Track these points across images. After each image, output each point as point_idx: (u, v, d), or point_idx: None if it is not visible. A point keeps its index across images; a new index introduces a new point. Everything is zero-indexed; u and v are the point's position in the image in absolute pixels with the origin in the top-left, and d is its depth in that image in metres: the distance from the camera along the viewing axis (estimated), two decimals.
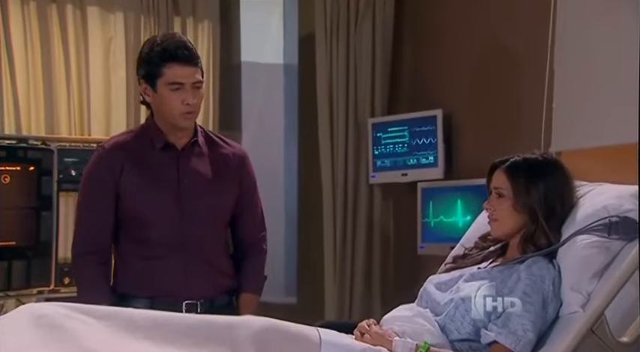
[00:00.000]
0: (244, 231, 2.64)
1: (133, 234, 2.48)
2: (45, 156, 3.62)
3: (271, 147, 5.27)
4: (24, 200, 3.56)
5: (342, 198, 4.37)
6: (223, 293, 2.57)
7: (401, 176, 4.22)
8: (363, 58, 4.42)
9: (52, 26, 4.01)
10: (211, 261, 2.52)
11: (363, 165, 4.40)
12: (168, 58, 2.38)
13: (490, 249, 2.26)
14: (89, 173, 2.50)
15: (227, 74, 4.91)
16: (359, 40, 4.44)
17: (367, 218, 4.39)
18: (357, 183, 4.40)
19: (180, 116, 2.42)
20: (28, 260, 3.55)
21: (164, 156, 2.49)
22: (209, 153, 2.55)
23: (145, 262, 2.46)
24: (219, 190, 2.53)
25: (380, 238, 4.42)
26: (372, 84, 4.42)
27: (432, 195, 3.95)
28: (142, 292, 2.46)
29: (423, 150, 4.13)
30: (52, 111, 4.00)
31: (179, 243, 2.47)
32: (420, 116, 4.16)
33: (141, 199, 2.45)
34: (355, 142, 4.40)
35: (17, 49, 3.94)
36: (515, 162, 2.18)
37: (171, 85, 2.40)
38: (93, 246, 2.47)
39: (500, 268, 2.13)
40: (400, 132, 4.22)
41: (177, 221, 2.46)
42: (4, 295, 3.59)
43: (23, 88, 3.95)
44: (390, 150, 4.25)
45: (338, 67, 4.40)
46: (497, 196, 2.18)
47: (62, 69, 4.03)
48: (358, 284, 4.36)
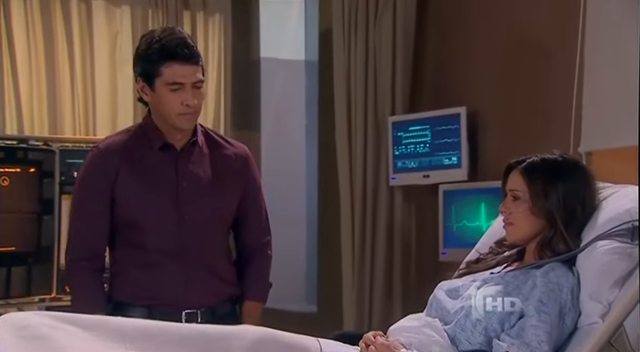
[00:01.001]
0: (248, 235, 2.63)
1: (129, 239, 2.48)
2: (46, 157, 3.66)
3: (292, 148, 5.29)
4: (24, 203, 3.60)
5: (361, 202, 4.35)
6: (225, 301, 2.57)
7: (422, 178, 4.20)
8: (383, 53, 4.40)
9: (55, 21, 4.05)
10: (212, 267, 2.52)
11: (382, 166, 4.39)
12: (168, 56, 2.37)
13: (505, 253, 2.23)
14: (83, 175, 2.50)
15: (244, 71, 4.93)
16: (378, 35, 4.42)
17: (387, 223, 4.37)
18: (377, 185, 4.39)
19: (179, 117, 2.41)
20: (28, 266, 3.59)
21: (162, 158, 2.49)
22: (210, 153, 2.55)
23: (142, 269, 2.46)
24: (221, 193, 2.52)
25: (401, 244, 4.40)
26: (392, 81, 4.40)
27: (455, 198, 3.92)
28: (138, 301, 2.46)
29: (446, 151, 4.10)
30: (56, 111, 4.03)
31: (178, 249, 2.46)
32: (442, 114, 4.14)
33: (137, 203, 2.45)
34: (374, 142, 4.39)
35: (19, 45, 3.99)
36: (532, 162, 2.16)
37: (170, 86, 2.39)
38: (87, 252, 2.47)
39: (514, 273, 2.10)
40: (422, 131, 4.20)
41: (176, 226, 2.46)
42: (4, 303, 3.62)
43: (25, 85, 4.00)
44: (411, 150, 4.24)
45: (356, 62, 4.39)
46: (513, 199, 2.15)
47: (66, 65, 4.07)
48: (378, 293, 4.35)
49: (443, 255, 3.91)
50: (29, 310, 3.60)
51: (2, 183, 3.51)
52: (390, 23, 4.42)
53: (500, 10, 4.06)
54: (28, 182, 3.60)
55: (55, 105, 4.03)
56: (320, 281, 5.12)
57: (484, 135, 4.12)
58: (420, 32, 4.52)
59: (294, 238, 5.25)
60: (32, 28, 4.02)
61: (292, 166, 5.28)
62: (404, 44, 4.43)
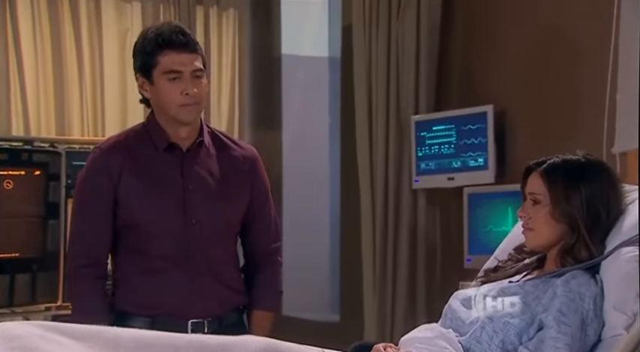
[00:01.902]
0: (256, 241, 2.64)
1: (131, 245, 2.49)
2: (52, 159, 3.68)
3: (315, 148, 5.29)
4: (29, 207, 3.63)
5: (382, 206, 4.34)
6: (233, 310, 2.57)
7: (447, 180, 4.18)
8: (406, 48, 4.38)
9: (63, 18, 4.09)
10: (219, 275, 2.52)
11: (405, 168, 4.37)
12: (163, 44, 2.39)
13: (525, 261, 2.21)
14: (84, 177, 2.52)
15: (264, 68, 4.94)
16: (401, 29, 4.41)
17: (410, 228, 4.35)
18: (399, 188, 4.37)
19: (180, 109, 2.42)
20: (32, 273, 3.62)
21: (167, 159, 2.49)
22: (217, 155, 2.55)
23: (145, 277, 2.47)
24: (228, 196, 2.53)
25: (424, 250, 4.37)
26: (415, 78, 4.38)
27: (480, 202, 3.90)
28: (142, 310, 2.47)
29: (472, 151, 4.08)
30: (63, 111, 4.07)
31: (183, 256, 2.47)
32: (468, 113, 4.11)
33: (140, 206, 2.45)
34: (397, 143, 4.37)
35: (26, 43, 4.02)
36: (553, 164, 2.14)
37: (167, 75, 2.40)
38: (89, 259, 2.48)
39: (534, 282, 2.08)
40: (446, 131, 4.18)
41: (181, 231, 2.47)
42: (9, 312, 3.65)
43: (32, 85, 4.03)
44: (435, 151, 4.21)
45: (378, 59, 4.38)
46: (533, 203, 2.14)
47: (74, 64, 4.10)
48: (400, 302, 4.33)
49: (468, 262, 3.88)
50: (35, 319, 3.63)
51: (6, 186, 3.54)
52: (414, 17, 4.40)
53: (529, 3, 4.03)
54: (32, 185, 3.63)
55: (63, 105, 4.07)
56: (342, 289, 5.12)
57: (512, 135, 4.09)
58: (446, 26, 4.50)
59: (316, 244, 5.25)
60: (39, 25, 4.05)
61: (315, 168, 5.29)
62: (428, 39, 4.41)
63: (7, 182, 3.56)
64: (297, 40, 5.28)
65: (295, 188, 5.23)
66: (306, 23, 5.37)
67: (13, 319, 3.70)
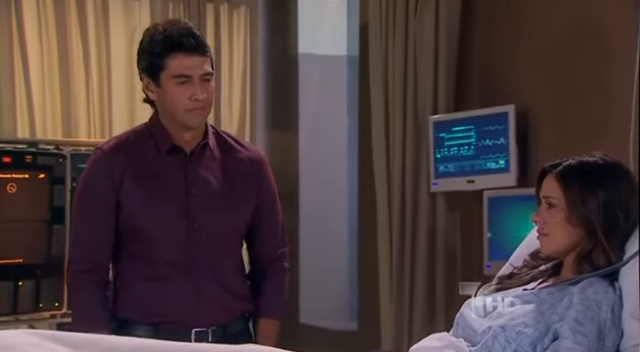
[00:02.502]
0: (262, 246, 2.63)
1: (133, 250, 2.49)
2: (57, 162, 3.71)
3: (332, 151, 5.29)
4: (33, 211, 3.65)
5: (399, 210, 4.32)
6: (238, 318, 2.57)
7: (467, 183, 4.15)
8: (424, 46, 4.36)
9: (69, 16, 4.12)
10: (224, 281, 2.52)
11: (423, 171, 4.34)
12: (172, 47, 2.39)
13: (540, 268, 2.20)
14: (86, 179, 2.52)
15: (280, 68, 4.95)
16: (419, 26, 4.39)
17: (428, 233, 4.33)
18: (417, 191, 4.35)
19: (187, 114, 2.42)
20: (36, 279, 3.64)
21: (170, 162, 2.50)
22: (221, 157, 2.55)
23: (147, 284, 2.47)
24: (233, 201, 2.53)
25: (444, 256, 4.35)
26: (434, 77, 4.36)
27: (501, 206, 3.87)
28: (144, 318, 2.47)
29: (493, 153, 4.05)
30: (70, 112, 4.10)
31: (187, 262, 2.47)
32: (489, 113, 4.08)
33: (143, 211, 2.46)
34: (414, 144, 4.35)
35: (31, 42, 4.06)
36: (569, 166, 2.12)
37: (176, 79, 2.40)
38: (90, 264, 2.49)
39: (549, 290, 2.07)
40: (466, 132, 4.15)
41: (185, 236, 2.47)
42: (13, 320, 3.67)
43: (38, 85, 4.06)
44: (454, 153, 4.19)
45: (394, 57, 4.36)
46: (548, 207, 2.13)
47: (81, 63, 4.13)
48: (418, 309, 4.31)
49: (487, 269, 3.85)
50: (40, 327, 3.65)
51: (9, 189, 3.57)
52: (432, 13, 4.37)
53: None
54: (37, 188, 3.66)
55: (69, 106, 4.09)
56: (360, 296, 5.11)
57: (535, 135, 4.05)
58: (466, 22, 4.47)
59: (334, 249, 5.26)
60: (45, 23, 4.09)
61: (333, 171, 5.29)
62: (447, 36, 4.38)
63: (10, 185, 3.58)
64: (314, 38, 5.29)
65: (312, 192, 5.23)
66: (323, 21, 5.37)
67: (17, 327, 3.73)
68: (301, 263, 5.14)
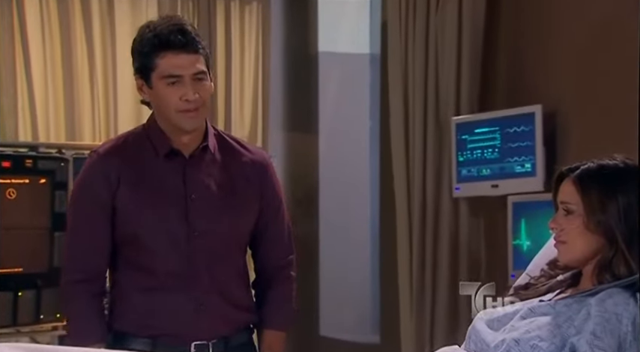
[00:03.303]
0: (268, 254, 2.62)
1: (130, 259, 2.49)
2: (59, 166, 3.71)
3: (354, 153, 5.28)
4: (33, 218, 3.66)
5: (420, 216, 4.31)
6: (241, 330, 2.56)
7: (491, 188, 4.14)
8: (446, 44, 4.36)
9: (73, 14, 4.15)
10: (226, 291, 2.51)
11: (445, 175, 4.34)
12: (160, 46, 2.37)
13: (558, 278, 2.17)
14: (80, 183, 2.52)
15: (299, 66, 4.95)
16: (441, 22, 4.38)
17: (451, 240, 4.32)
18: (438, 197, 4.34)
19: (179, 115, 2.41)
20: (37, 290, 3.65)
21: (168, 165, 2.49)
22: (223, 160, 2.54)
23: (144, 294, 2.47)
24: (236, 206, 2.52)
25: (467, 265, 4.33)
26: (456, 76, 4.35)
27: (526, 212, 3.85)
28: (142, 331, 2.46)
29: (518, 156, 4.04)
30: (74, 114, 4.12)
31: (186, 271, 2.46)
32: (514, 114, 4.07)
33: (138, 217, 2.45)
34: (435, 147, 4.35)
35: (33, 42, 4.08)
36: (587, 169, 2.10)
37: (166, 79, 2.39)
38: (85, 273, 2.48)
39: (567, 301, 2.04)
40: (490, 133, 4.15)
41: (184, 244, 2.46)
42: (14, 332, 3.69)
43: (40, 87, 4.08)
44: (477, 156, 4.18)
45: (415, 55, 4.35)
46: (566, 213, 2.10)
47: (85, 63, 4.16)
48: (440, 322, 4.29)
49: (512, 278, 3.82)
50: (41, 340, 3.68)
51: (9, 195, 3.58)
52: (455, 9, 4.36)
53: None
54: (37, 194, 3.67)
55: (73, 108, 4.12)
56: (382, 307, 5.10)
57: (563, 137, 4.03)
58: (491, 18, 4.45)
59: (356, 258, 5.25)
60: (48, 21, 4.11)
61: (354, 175, 5.29)
62: (471, 32, 4.37)
63: (10, 191, 3.60)
64: (335, 36, 5.28)
65: (333, 197, 5.23)
66: (344, 17, 5.36)
67: (18, 340, 3.74)
68: (321, 272, 5.13)
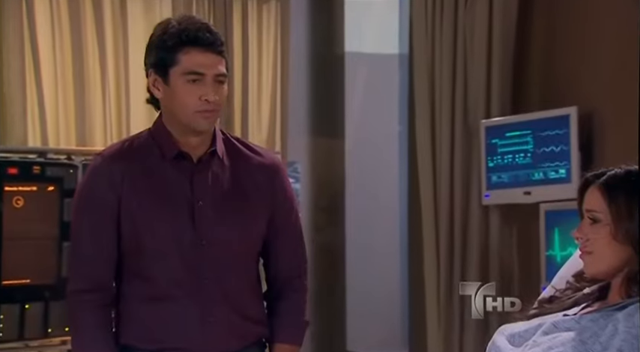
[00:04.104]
0: (279, 262, 2.60)
1: (134, 268, 2.48)
2: (67, 173, 3.73)
3: (383, 160, 5.27)
4: (41, 227, 3.68)
5: (447, 225, 4.31)
6: (252, 344, 2.54)
7: (523, 195, 4.14)
8: (475, 41, 4.36)
9: (84, 13, 4.16)
10: (235, 303, 2.49)
11: (474, 181, 4.35)
12: (187, 41, 2.39)
13: (584, 290, 2.15)
14: (84, 188, 2.52)
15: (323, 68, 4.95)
16: (470, 19, 4.38)
17: (480, 251, 4.31)
18: (467, 205, 4.35)
19: (196, 116, 2.41)
20: (45, 302, 3.66)
21: (175, 171, 2.49)
22: (232, 165, 2.53)
23: (149, 305, 2.46)
24: (245, 213, 2.51)
25: (498, 277, 4.31)
26: (486, 76, 4.35)
27: (560, 220, 3.83)
28: (146, 344, 2.46)
29: (552, 161, 4.04)
30: (85, 118, 4.13)
31: (193, 281, 2.45)
32: (548, 116, 4.08)
33: (144, 224, 2.44)
34: (463, 152, 4.35)
35: (43, 43, 4.10)
36: (614, 176, 2.08)
37: (187, 76, 2.40)
38: (91, 283, 2.48)
39: (593, 316, 2.02)
40: (522, 137, 4.15)
41: (191, 253, 2.45)
42: (22, 346, 3.70)
43: (50, 90, 4.10)
44: (508, 161, 4.18)
45: (442, 54, 4.35)
46: (592, 222, 2.08)
47: (97, 65, 4.17)
48: (470, 337, 4.28)
49: (543, 291, 3.80)
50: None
51: (15, 204, 3.60)
52: (486, 5, 4.37)
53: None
54: (45, 202, 3.68)
55: (84, 112, 4.13)
56: (412, 321, 5.09)
57: (601, 141, 4.04)
58: (524, 14, 4.46)
59: (384, 269, 5.23)
60: (58, 22, 4.13)
61: (383, 181, 5.27)
62: (503, 29, 4.38)
63: (16, 199, 3.61)
64: (362, 35, 5.28)
65: (359, 206, 5.22)
66: (372, 15, 5.36)
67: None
68: (348, 285, 5.12)
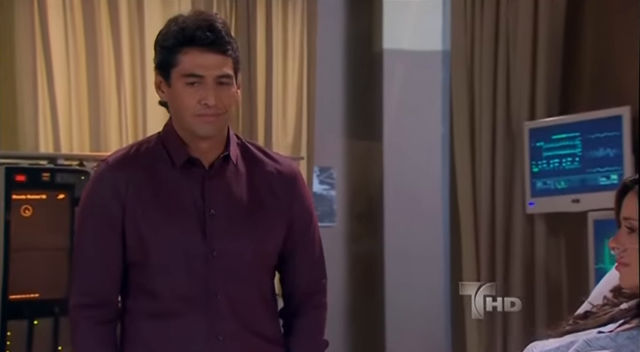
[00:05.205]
0: (296, 277, 2.60)
1: (140, 282, 2.48)
2: (78, 180, 3.74)
3: (424, 163, 5.26)
4: (50, 238, 3.70)
5: (488, 235, 4.29)
6: None
7: (571, 203, 4.12)
8: (519, 38, 4.35)
9: (99, 13, 4.20)
10: (247, 320, 2.49)
11: (517, 187, 4.33)
12: (185, 41, 2.38)
13: (622, 306, 2.12)
14: (88, 196, 2.52)
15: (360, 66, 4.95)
16: (513, 13, 4.36)
17: (524, 263, 4.30)
18: (509, 213, 4.34)
19: (195, 120, 2.41)
20: (55, 318, 3.68)
21: (185, 177, 2.49)
22: (247, 172, 2.53)
23: (155, 322, 2.46)
24: (260, 223, 2.50)
25: (545, 291, 4.29)
26: (531, 75, 4.34)
27: (610, 231, 3.73)
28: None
29: (602, 166, 4.02)
30: (99, 123, 4.16)
31: (204, 296, 2.45)
32: (598, 117, 4.07)
33: (150, 235, 2.44)
34: (505, 156, 4.33)
35: (56, 44, 4.14)
36: None
37: (186, 78, 2.40)
38: (93, 297, 2.48)
39: (630, 333, 2.03)
40: (570, 140, 4.14)
41: (201, 266, 2.45)
42: None
43: (63, 93, 4.14)
44: (555, 166, 4.17)
45: (482, 51, 4.34)
46: (629, 231, 2.08)
47: (112, 67, 4.21)
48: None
49: None
50: None
51: (24, 213, 3.62)
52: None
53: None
54: (55, 211, 3.70)
55: (98, 116, 4.16)
56: (454, 335, 5.07)
57: None
58: (573, 8, 4.45)
59: (426, 281, 5.23)
60: (71, 20, 4.17)
61: (424, 187, 5.26)
62: (550, 24, 4.37)
63: (25, 208, 3.64)
64: (402, 31, 5.27)
65: (399, 213, 5.21)
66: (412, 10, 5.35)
67: None
68: (387, 297, 5.11)
